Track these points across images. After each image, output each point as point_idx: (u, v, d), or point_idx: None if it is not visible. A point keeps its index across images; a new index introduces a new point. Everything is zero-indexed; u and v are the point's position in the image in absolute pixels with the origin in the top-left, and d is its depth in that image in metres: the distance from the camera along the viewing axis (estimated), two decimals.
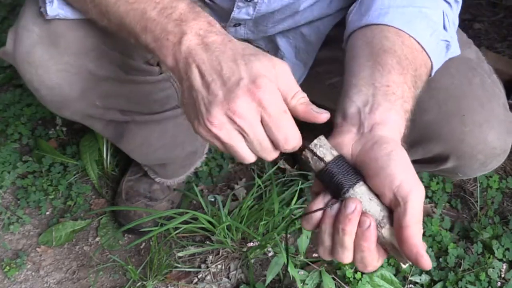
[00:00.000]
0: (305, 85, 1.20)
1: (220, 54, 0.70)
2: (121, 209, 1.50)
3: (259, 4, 1.01)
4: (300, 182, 1.51)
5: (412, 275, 1.40)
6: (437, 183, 1.59)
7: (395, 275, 1.37)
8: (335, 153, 0.70)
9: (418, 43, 0.83)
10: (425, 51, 0.84)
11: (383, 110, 0.74)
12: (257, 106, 0.67)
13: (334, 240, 0.69)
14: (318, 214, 0.69)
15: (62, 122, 1.71)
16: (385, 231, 0.67)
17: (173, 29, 0.74)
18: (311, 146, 0.70)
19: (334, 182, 0.69)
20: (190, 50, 0.72)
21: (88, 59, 1.01)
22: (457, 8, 0.94)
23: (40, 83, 1.02)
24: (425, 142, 1.00)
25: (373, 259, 0.68)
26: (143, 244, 1.49)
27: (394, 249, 0.68)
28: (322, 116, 0.71)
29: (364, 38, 0.85)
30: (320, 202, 0.70)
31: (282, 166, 1.63)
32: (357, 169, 0.70)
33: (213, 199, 1.56)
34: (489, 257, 1.43)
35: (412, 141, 0.93)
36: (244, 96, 0.67)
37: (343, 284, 1.36)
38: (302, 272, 1.36)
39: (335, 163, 0.69)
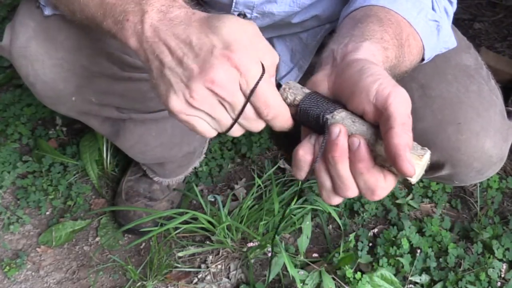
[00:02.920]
0: None
1: (186, 27, 0.68)
2: (121, 209, 1.50)
3: (252, 20, 1.02)
4: (300, 182, 1.51)
5: (412, 275, 1.39)
6: (437, 183, 1.58)
7: (395, 275, 1.37)
8: (307, 91, 0.67)
9: (404, 19, 0.82)
10: (413, 27, 0.82)
11: (355, 42, 0.71)
12: (236, 72, 0.65)
13: (331, 175, 0.64)
14: (308, 156, 0.65)
15: (62, 122, 1.71)
16: (379, 148, 0.62)
17: (133, 9, 0.71)
18: (280, 92, 0.67)
19: (312, 117, 0.65)
20: (154, 28, 0.69)
21: (82, 55, 1.00)
22: (451, 6, 0.94)
23: (36, 77, 1.02)
24: None
25: (377, 179, 0.63)
26: (143, 244, 1.49)
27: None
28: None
29: (350, 16, 0.84)
30: (306, 144, 0.66)
31: (282, 166, 1.63)
32: (336, 99, 0.67)
33: (213, 199, 1.56)
34: (489, 257, 1.43)
35: None
36: (221, 64, 0.64)
37: (343, 284, 1.36)
38: (302, 272, 1.36)
39: (307, 99, 0.66)
